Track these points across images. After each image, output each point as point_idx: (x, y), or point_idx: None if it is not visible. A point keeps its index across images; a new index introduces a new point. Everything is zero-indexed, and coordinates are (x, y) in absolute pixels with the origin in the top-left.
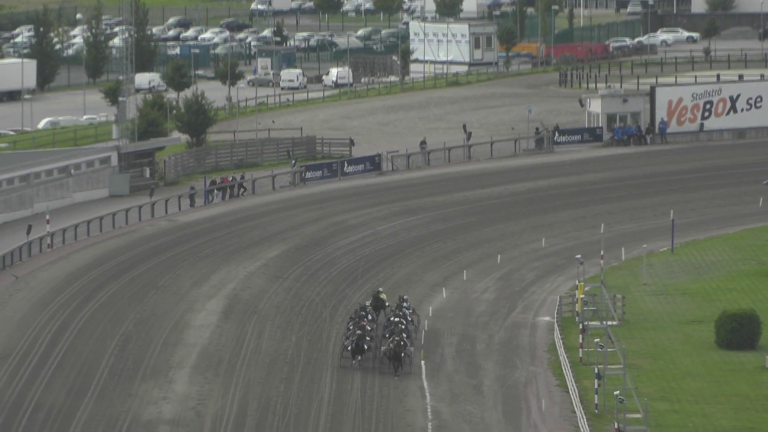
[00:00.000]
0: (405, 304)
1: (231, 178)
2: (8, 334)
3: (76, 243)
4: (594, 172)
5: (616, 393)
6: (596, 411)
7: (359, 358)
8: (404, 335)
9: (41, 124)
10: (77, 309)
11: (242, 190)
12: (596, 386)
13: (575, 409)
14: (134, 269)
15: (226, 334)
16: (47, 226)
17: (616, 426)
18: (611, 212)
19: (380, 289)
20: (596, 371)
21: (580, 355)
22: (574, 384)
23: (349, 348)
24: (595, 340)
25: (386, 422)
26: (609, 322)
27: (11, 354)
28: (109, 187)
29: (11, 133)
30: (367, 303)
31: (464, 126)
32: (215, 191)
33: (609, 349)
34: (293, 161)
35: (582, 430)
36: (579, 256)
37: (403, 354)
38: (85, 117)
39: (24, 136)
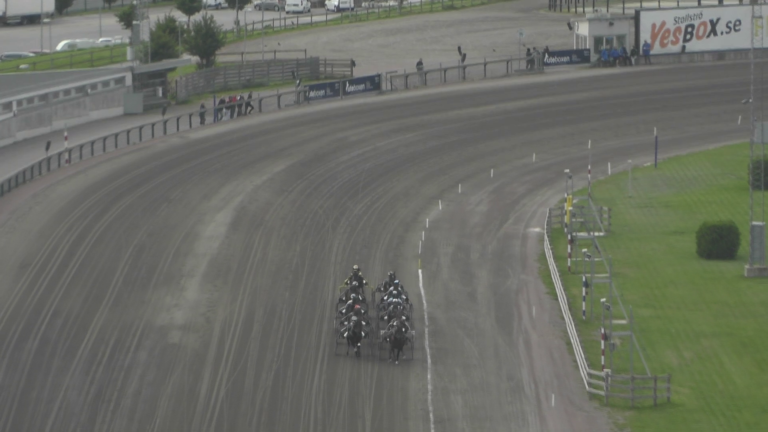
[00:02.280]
0: (396, 281)
1: (239, 97)
2: (28, 245)
3: (92, 158)
4: (581, 92)
5: (602, 300)
6: (584, 317)
7: (359, 345)
8: (404, 318)
9: (59, 47)
10: (93, 221)
11: (249, 108)
12: (584, 294)
13: (564, 315)
14: (147, 183)
15: (234, 245)
16: (65, 142)
17: (602, 331)
18: (598, 129)
19: (356, 266)
20: (584, 279)
21: (569, 264)
22: (563, 291)
23: (345, 335)
24: (583, 250)
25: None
26: (596, 233)
27: (31, 264)
28: (124, 106)
29: (31, 54)
30: (346, 281)
31: (459, 48)
32: (224, 109)
33: (596, 259)
34: (298, 81)
35: (570, 335)
36: (567, 170)
37: (405, 340)
38: (101, 39)
39: (43, 58)
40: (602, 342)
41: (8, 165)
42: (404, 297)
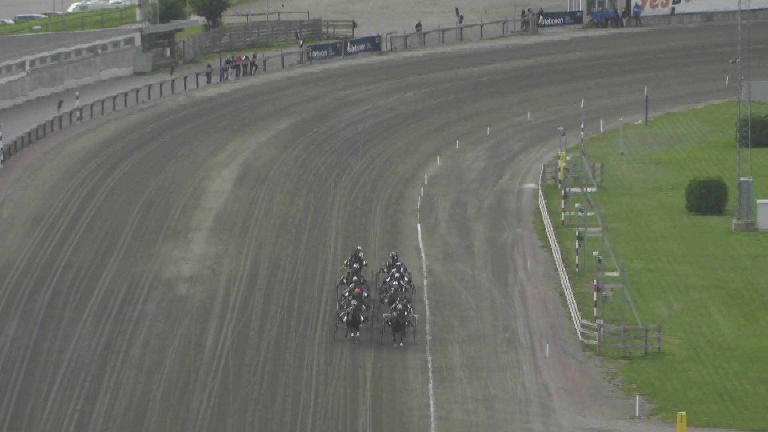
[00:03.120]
0: (398, 263)
1: (244, 57)
2: (41, 200)
3: (102, 116)
4: (575, 52)
5: (595, 253)
6: (577, 269)
7: (357, 333)
8: (406, 301)
9: (71, 8)
10: (104, 177)
11: (254, 68)
12: (577, 247)
13: (558, 267)
14: (156, 140)
15: (239, 200)
16: (76, 101)
17: (595, 283)
18: (591, 88)
19: (359, 247)
20: (577, 233)
21: (562, 219)
22: (557, 245)
23: (344, 320)
24: (576, 205)
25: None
26: (589, 189)
27: (43, 218)
28: (133, 66)
29: (43, 16)
30: (346, 261)
31: (456, 10)
32: (230, 69)
33: (589, 214)
34: (301, 42)
35: (564, 287)
36: (561, 128)
37: (407, 323)
38: (111, 1)
39: (55, 19)
40: (595, 294)
41: (21, 123)
42: (407, 279)
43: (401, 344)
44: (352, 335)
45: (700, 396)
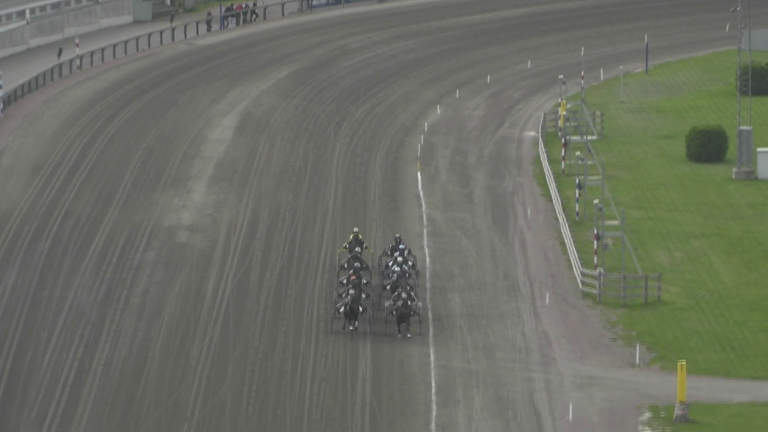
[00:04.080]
0: (401, 246)
1: (244, 5)
2: (41, 149)
3: (102, 65)
4: (575, 0)
5: (595, 201)
6: (577, 218)
7: (355, 324)
8: (409, 288)
9: None
10: (104, 125)
11: (254, 16)
12: (577, 195)
13: (558, 216)
14: (156, 88)
15: (239, 148)
16: (76, 49)
17: (595, 231)
18: (591, 36)
19: (356, 229)
20: (577, 181)
21: (563, 167)
22: (557, 193)
23: (341, 310)
24: (576, 153)
25: (385, 228)
26: (589, 137)
27: (43, 166)
28: (133, 14)
29: None
30: (345, 245)
31: None
32: (230, 17)
33: (589, 162)
34: None
35: (564, 235)
36: (561, 76)
37: (412, 313)
38: None
39: None
40: (595, 242)
41: (21, 71)
42: (410, 263)
43: (408, 335)
44: (351, 328)
45: (700, 344)
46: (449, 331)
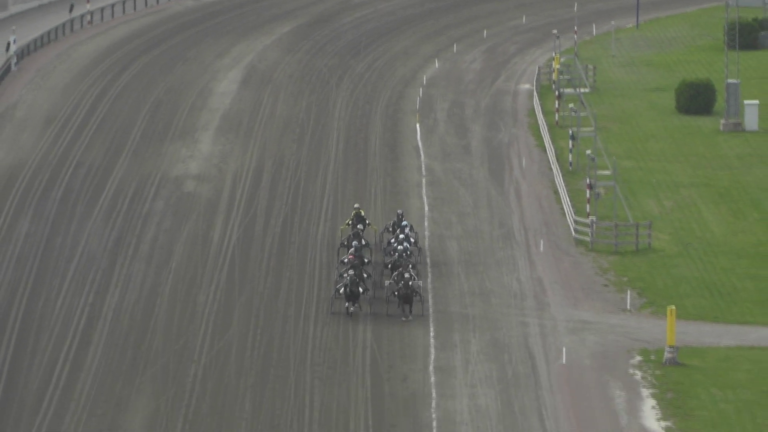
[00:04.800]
0: (404, 223)
1: None
2: (53, 101)
3: (113, 20)
4: None
5: (588, 152)
6: (570, 168)
7: (356, 304)
8: (410, 266)
9: None
10: (114, 78)
11: None
12: (570, 146)
13: (552, 166)
14: (164, 43)
15: (244, 100)
16: (87, 5)
17: (588, 181)
18: None
19: (356, 205)
20: (570, 133)
21: (556, 119)
22: (551, 144)
23: (341, 291)
24: (570, 106)
25: (385, 178)
26: (582, 90)
27: (55, 118)
28: None
29: None
30: (348, 221)
31: None
32: None
33: (582, 114)
34: None
35: (558, 184)
36: (555, 31)
37: (414, 293)
38: None
39: None
40: (587, 191)
41: (34, 26)
42: (413, 240)
43: (410, 317)
44: (351, 309)
45: (689, 290)
46: (447, 277)
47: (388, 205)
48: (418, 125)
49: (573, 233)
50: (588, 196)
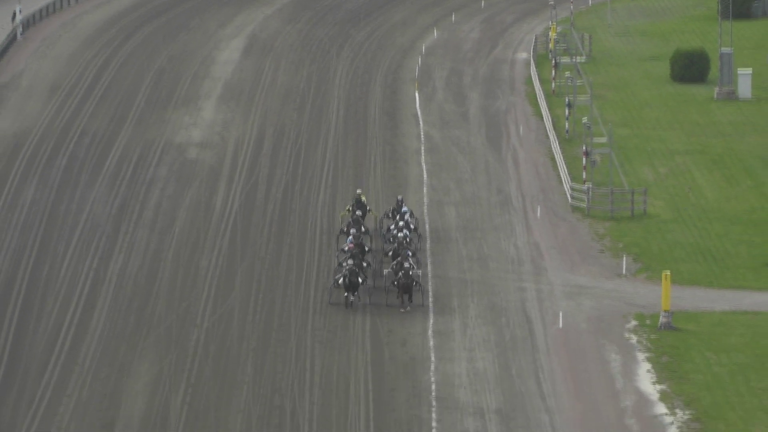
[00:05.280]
0: (404, 209)
1: None
2: (58, 70)
3: None
4: None
5: (584, 120)
6: (567, 135)
7: (355, 294)
8: (409, 254)
9: None
10: (118, 47)
11: None
12: (567, 114)
13: (548, 133)
14: (168, 12)
15: (246, 69)
16: None
17: (584, 148)
18: None
19: (359, 191)
20: (567, 101)
21: (553, 87)
22: (548, 112)
23: (340, 282)
24: (566, 74)
25: (384, 146)
26: (578, 58)
27: (60, 87)
28: None
29: None
30: (348, 207)
31: None
32: None
33: (578, 82)
34: None
35: (554, 151)
36: (552, 1)
37: (414, 283)
38: None
39: None
40: (584, 158)
41: None
42: (412, 227)
43: (408, 308)
44: (351, 299)
45: (683, 256)
46: (445, 243)
47: (387, 172)
48: (417, 93)
49: (569, 200)
50: (584, 163)
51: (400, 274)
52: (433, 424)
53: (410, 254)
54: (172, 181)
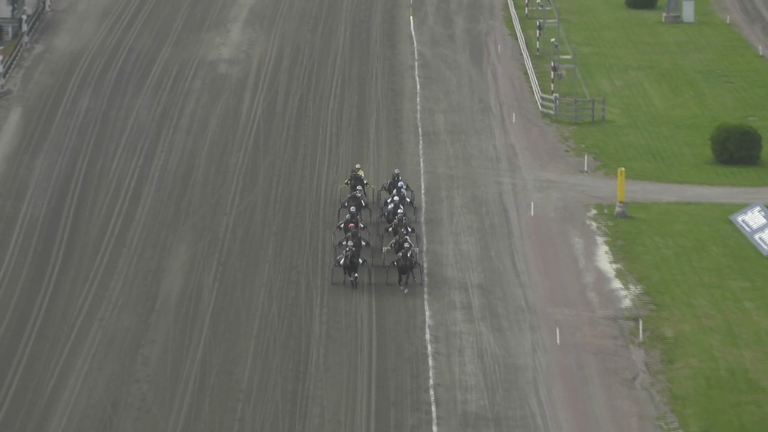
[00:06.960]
0: (400, 183)
1: None
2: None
3: None
4: None
5: (552, 40)
6: (537, 53)
7: (355, 275)
8: (408, 231)
9: None
10: None
11: None
12: (537, 35)
13: (522, 51)
14: None
15: None
16: None
17: (552, 64)
18: None
19: (357, 165)
20: (538, 24)
21: (526, 12)
22: (521, 33)
23: (341, 262)
24: (537, 1)
25: (384, 62)
26: None
27: (111, 12)
28: None
29: None
30: (346, 182)
31: None
32: None
33: (547, 8)
34: None
35: (527, 67)
36: None
37: (413, 264)
38: None
39: None
40: (552, 72)
41: None
42: (409, 200)
43: (405, 291)
44: (351, 279)
45: (636, 155)
46: (435, 144)
47: (387, 85)
48: (411, 18)
49: (540, 107)
50: (552, 76)
51: (400, 254)
52: (425, 296)
53: (410, 230)
54: (205, 92)
